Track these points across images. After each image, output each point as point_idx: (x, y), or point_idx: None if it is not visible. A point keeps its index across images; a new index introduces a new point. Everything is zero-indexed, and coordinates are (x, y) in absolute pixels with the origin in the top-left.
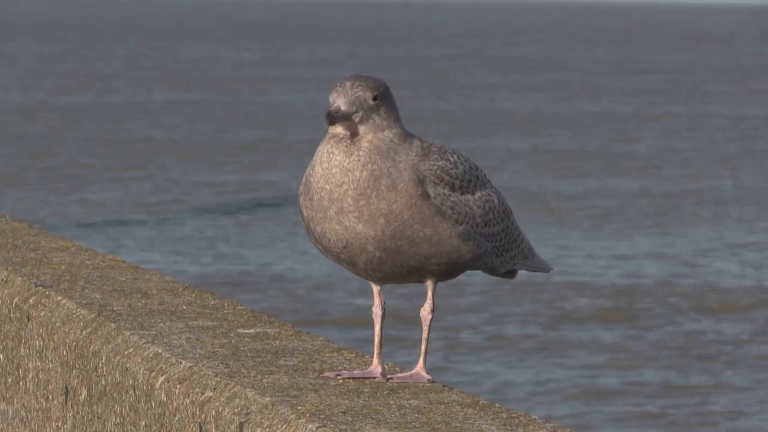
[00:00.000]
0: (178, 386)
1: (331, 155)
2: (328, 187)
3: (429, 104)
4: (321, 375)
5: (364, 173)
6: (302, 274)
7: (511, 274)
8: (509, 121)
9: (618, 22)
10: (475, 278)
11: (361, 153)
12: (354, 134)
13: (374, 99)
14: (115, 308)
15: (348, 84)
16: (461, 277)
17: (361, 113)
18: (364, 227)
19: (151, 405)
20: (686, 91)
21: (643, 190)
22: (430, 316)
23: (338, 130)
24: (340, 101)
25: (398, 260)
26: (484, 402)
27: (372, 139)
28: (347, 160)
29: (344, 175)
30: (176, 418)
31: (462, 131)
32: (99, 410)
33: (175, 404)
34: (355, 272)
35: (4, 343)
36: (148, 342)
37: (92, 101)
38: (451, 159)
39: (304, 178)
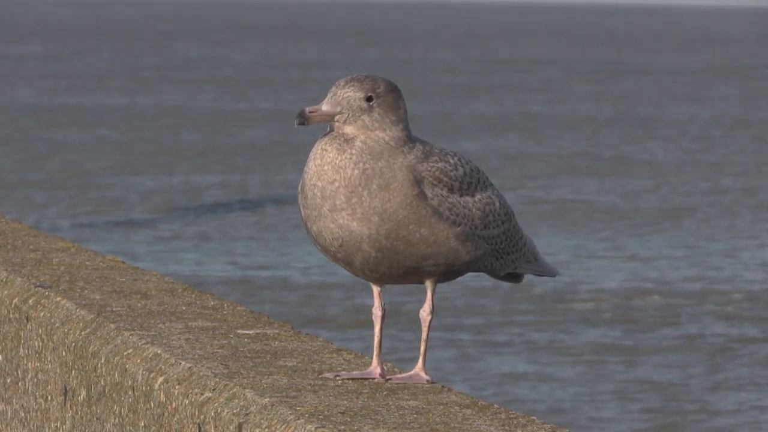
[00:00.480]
0: (177, 387)
1: (325, 152)
2: (320, 184)
3: (434, 106)
4: (320, 376)
5: (356, 171)
6: (307, 275)
7: (516, 278)
8: (514, 122)
9: (617, 23)
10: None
11: (353, 152)
12: (346, 133)
13: (367, 100)
14: (114, 309)
15: (342, 83)
16: (464, 278)
17: (347, 114)
18: (359, 225)
19: (150, 406)
20: (694, 92)
21: (653, 192)
22: (429, 317)
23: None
24: (326, 101)
25: (395, 260)
26: (483, 403)
27: (365, 139)
28: (339, 157)
29: (336, 173)
30: (175, 419)
31: (468, 133)
32: (98, 411)
33: (174, 405)
34: (353, 272)
35: (3, 344)
36: (147, 343)
37: (98, 102)
38: (452, 161)
39: (301, 178)
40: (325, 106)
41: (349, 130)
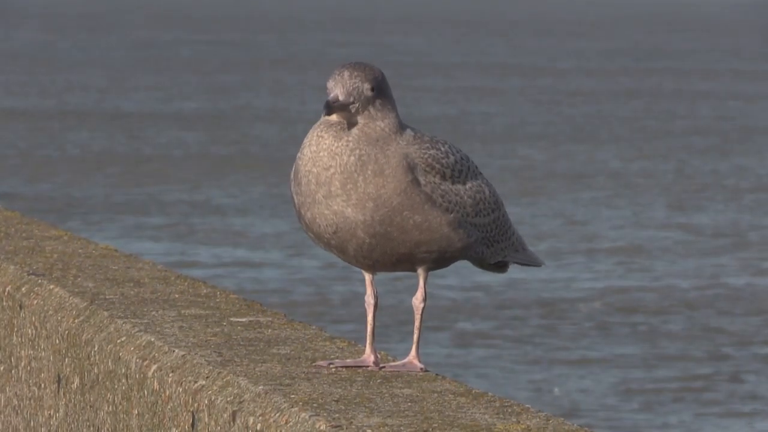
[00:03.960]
0: (170, 375)
1: (321, 139)
2: (315, 170)
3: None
4: (314, 364)
5: (352, 158)
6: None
7: (502, 268)
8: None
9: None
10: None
11: (350, 138)
12: (351, 124)
13: (371, 90)
14: (107, 297)
15: (346, 74)
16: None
17: (357, 104)
18: (353, 211)
19: (144, 393)
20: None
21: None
22: (422, 305)
23: (334, 119)
24: (338, 90)
25: (388, 247)
26: (477, 391)
27: (363, 126)
28: (336, 144)
29: (332, 159)
30: (169, 407)
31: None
32: (91, 399)
33: (167, 393)
34: (346, 259)
35: None
36: (140, 330)
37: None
38: (443, 148)
39: (294, 165)
40: (341, 96)
41: (358, 119)
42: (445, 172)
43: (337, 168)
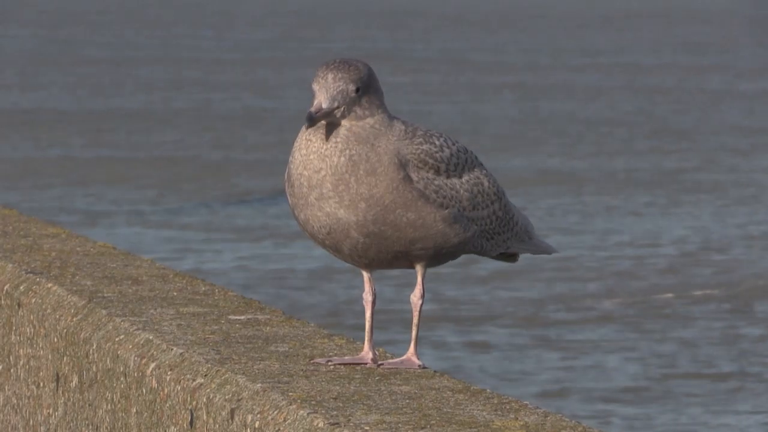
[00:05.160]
0: (169, 373)
1: (309, 142)
2: (306, 173)
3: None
4: (312, 361)
5: (342, 159)
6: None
7: (511, 257)
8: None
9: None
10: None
11: (338, 139)
12: (336, 125)
13: (356, 91)
14: (105, 295)
15: (330, 77)
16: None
17: (342, 108)
18: (346, 212)
19: (142, 392)
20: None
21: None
22: (420, 302)
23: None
24: (322, 97)
25: (383, 245)
26: (476, 388)
27: (350, 126)
28: (324, 146)
29: (321, 161)
30: (167, 405)
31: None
32: (90, 397)
33: (166, 391)
34: (342, 258)
35: None
36: (138, 329)
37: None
38: (437, 142)
39: (287, 167)
40: (325, 103)
41: (344, 122)
42: (439, 167)
43: (327, 170)
